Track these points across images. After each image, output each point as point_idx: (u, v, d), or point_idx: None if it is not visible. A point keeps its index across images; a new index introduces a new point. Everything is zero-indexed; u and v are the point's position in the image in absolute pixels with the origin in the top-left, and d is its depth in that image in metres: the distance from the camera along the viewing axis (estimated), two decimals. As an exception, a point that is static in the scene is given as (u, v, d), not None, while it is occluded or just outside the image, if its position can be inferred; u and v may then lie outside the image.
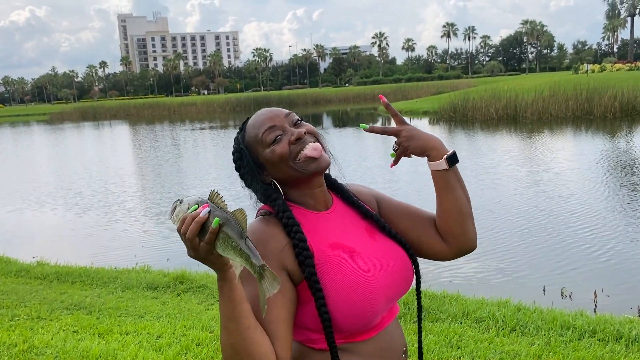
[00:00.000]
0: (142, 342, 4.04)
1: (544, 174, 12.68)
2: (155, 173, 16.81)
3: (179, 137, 30.90)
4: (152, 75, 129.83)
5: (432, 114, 31.41)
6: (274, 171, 1.31)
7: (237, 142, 1.34)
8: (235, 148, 1.34)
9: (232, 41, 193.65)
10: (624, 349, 3.72)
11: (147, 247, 8.66)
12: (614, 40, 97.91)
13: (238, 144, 1.33)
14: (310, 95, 74.14)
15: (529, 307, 4.66)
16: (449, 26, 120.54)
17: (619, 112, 24.83)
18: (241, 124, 1.37)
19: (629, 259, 6.73)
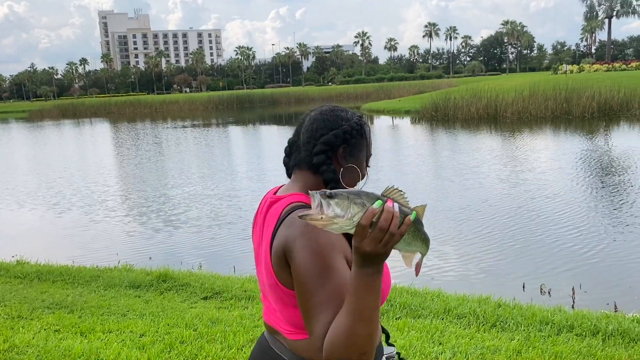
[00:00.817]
0: (125, 340, 4.02)
1: (524, 173, 12.86)
2: (137, 172, 16.67)
3: (161, 135, 30.66)
4: (133, 73, 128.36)
5: (414, 114, 31.60)
6: (352, 163, 1.36)
7: (361, 120, 1.40)
8: (360, 122, 1.38)
9: (215, 39, 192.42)
10: (600, 344, 3.81)
11: (129, 246, 8.60)
12: (592, 42, 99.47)
13: (362, 123, 1.39)
14: (294, 94, 74.06)
15: (509, 303, 4.74)
16: (431, 26, 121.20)
17: (596, 112, 25.27)
18: (353, 116, 1.41)
19: (606, 256, 6.88)
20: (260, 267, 1.37)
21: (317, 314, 1.17)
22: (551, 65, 76.19)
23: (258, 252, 1.38)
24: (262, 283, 1.37)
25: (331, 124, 1.35)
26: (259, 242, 1.38)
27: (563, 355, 3.58)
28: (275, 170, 15.46)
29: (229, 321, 4.36)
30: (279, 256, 1.23)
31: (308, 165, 1.35)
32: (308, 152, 1.34)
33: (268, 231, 1.30)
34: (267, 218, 1.34)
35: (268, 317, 1.40)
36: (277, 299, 1.29)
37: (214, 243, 8.49)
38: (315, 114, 1.39)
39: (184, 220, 9.90)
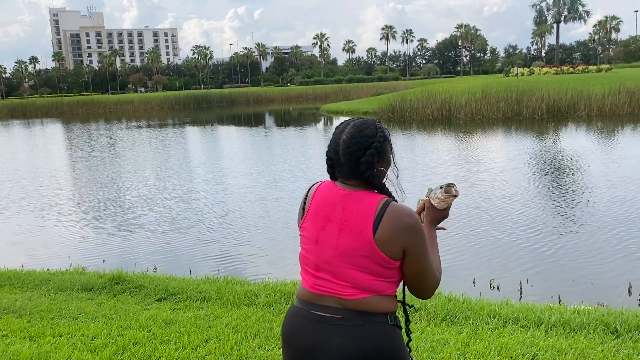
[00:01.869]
0: (76, 343, 3.96)
1: (480, 173, 13.23)
2: (90, 174, 16.28)
3: (116, 136, 29.99)
4: (86, 72, 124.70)
5: (372, 115, 31.94)
6: (385, 167, 1.78)
7: (383, 129, 1.76)
8: (383, 133, 1.75)
9: (171, 38, 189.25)
10: (543, 334, 4.00)
11: (82, 250, 8.41)
12: (542, 46, 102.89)
13: (384, 131, 1.76)
14: (252, 94, 73.64)
15: (459, 298, 4.90)
16: (388, 29, 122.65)
17: (545, 113, 26.19)
18: (377, 121, 1.78)
19: (552, 251, 7.17)
20: (327, 244, 1.71)
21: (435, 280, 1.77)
22: (503, 68, 78.44)
23: (332, 232, 1.71)
24: (336, 257, 1.70)
25: (364, 145, 1.70)
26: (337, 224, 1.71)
27: (508, 346, 3.73)
28: (234, 172, 15.38)
29: (183, 322, 4.35)
30: (392, 237, 1.65)
31: (354, 177, 1.71)
32: (352, 169, 1.70)
33: (362, 216, 1.68)
34: (348, 207, 1.70)
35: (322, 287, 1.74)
36: (355, 266, 1.68)
37: (170, 245, 8.40)
38: (347, 137, 1.70)
39: (139, 223, 9.75)
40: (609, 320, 4.13)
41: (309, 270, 1.78)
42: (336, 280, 1.71)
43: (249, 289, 5.22)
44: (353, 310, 1.70)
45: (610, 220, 8.37)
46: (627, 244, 7.23)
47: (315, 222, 1.75)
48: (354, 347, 1.67)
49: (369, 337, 1.68)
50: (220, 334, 4.07)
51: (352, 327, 1.69)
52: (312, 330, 1.74)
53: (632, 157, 14.78)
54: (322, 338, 1.71)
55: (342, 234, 1.70)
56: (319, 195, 1.77)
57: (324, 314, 1.72)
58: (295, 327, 1.79)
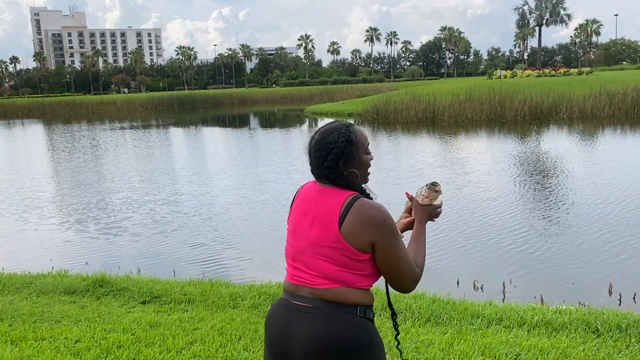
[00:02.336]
0: (59, 347, 3.92)
1: (461, 174, 13.33)
2: (73, 176, 16.10)
3: (99, 137, 29.68)
4: (68, 73, 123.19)
5: (357, 116, 32.05)
6: (357, 168, 1.86)
7: (348, 135, 1.83)
8: (346, 138, 1.83)
9: (155, 38, 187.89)
10: (526, 334, 4.05)
11: (64, 252, 8.32)
12: (524, 48, 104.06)
13: (349, 136, 1.84)
14: (237, 95, 73.39)
15: (444, 298, 4.94)
16: (372, 31, 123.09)
17: (528, 115, 26.50)
18: (345, 126, 1.87)
19: (535, 252, 7.26)
20: (301, 236, 1.84)
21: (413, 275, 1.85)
22: (486, 70, 79.07)
23: (305, 224, 1.83)
24: (307, 248, 1.82)
25: (325, 150, 1.82)
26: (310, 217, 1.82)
27: (491, 346, 3.78)
28: (219, 174, 15.32)
29: (168, 324, 4.32)
30: (358, 230, 1.75)
31: (324, 178, 1.84)
32: (322, 173, 1.83)
33: (330, 209, 1.79)
34: (320, 201, 1.82)
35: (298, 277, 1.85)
36: (322, 257, 1.79)
37: (154, 248, 8.34)
38: (314, 143, 1.85)
39: (122, 226, 9.66)
40: (590, 319, 4.20)
41: (289, 262, 1.90)
42: (308, 270, 1.83)
43: (234, 291, 5.21)
44: (322, 299, 1.79)
45: (592, 222, 8.49)
46: (608, 245, 7.35)
47: (295, 216, 1.89)
48: (319, 335, 1.76)
49: (334, 327, 1.76)
50: (205, 337, 4.05)
51: (319, 316, 1.78)
52: (286, 317, 1.85)
53: (613, 159, 15.01)
54: (292, 325, 1.82)
55: (313, 226, 1.82)
56: (302, 192, 1.92)
57: (298, 303, 1.83)
58: (273, 315, 1.90)
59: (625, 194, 10.21)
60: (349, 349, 1.75)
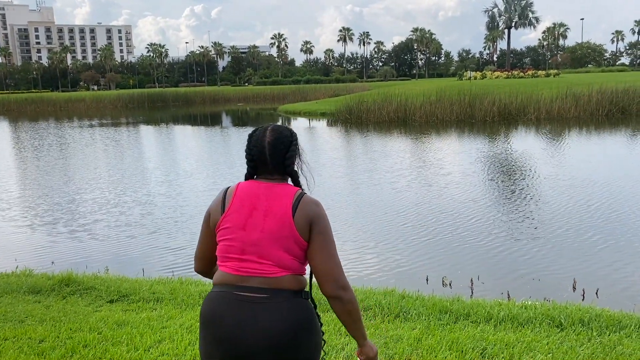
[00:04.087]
0: (22, 347, 3.83)
1: (434, 175, 13.49)
2: (39, 174, 15.73)
3: (67, 135, 29.07)
4: (35, 69, 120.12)
5: (330, 116, 32.13)
6: (299, 165, 2.06)
7: (295, 139, 2.05)
8: (295, 142, 2.04)
9: (125, 35, 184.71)
10: (492, 329, 4.12)
11: (30, 251, 8.13)
12: (494, 50, 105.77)
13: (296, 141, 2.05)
14: (209, 93, 72.68)
15: (413, 295, 5.00)
16: (345, 31, 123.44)
17: (497, 116, 26.97)
18: (289, 128, 2.07)
19: (503, 250, 7.40)
20: (255, 228, 1.92)
21: (342, 271, 1.93)
22: (457, 71, 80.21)
23: (258, 218, 1.92)
24: (262, 239, 1.91)
25: (285, 146, 1.99)
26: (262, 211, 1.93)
27: (459, 340, 3.84)
28: (190, 173, 15.16)
29: (135, 323, 4.27)
30: (305, 220, 1.91)
31: (278, 172, 1.99)
32: (276, 166, 1.98)
33: (282, 203, 1.92)
34: (271, 197, 1.94)
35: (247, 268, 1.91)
36: (280, 248, 1.90)
37: (123, 247, 8.21)
38: (271, 139, 1.98)
39: (90, 225, 9.49)
40: (554, 314, 4.30)
41: (232, 257, 1.94)
42: (261, 260, 1.91)
43: (204, 289, 5.17)
44: (275, 288, 1.89)
45: (557, 220, 8.70)
46: (572, 243, 7.54)
47: (241, 212, 1.95)
48: (280, 322, 1.85)
49: (291, 312, 1.88)
50: (174, 335, 4.02)
51: (276, 304, 1.87)
52: (237, 310, 1.87)
53: (579, 159, 15.39)
54: (247, 317, 1.86)
55: (267, 219, 1.92)
56: (241, 192, 1.98)
57: (248, 294, 1.88)
58: (218, 309, 1.90)
59: (590, 193, 10.49)
60: (306, 329, 1.90)
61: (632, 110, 26.89)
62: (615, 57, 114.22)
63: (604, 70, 75.19)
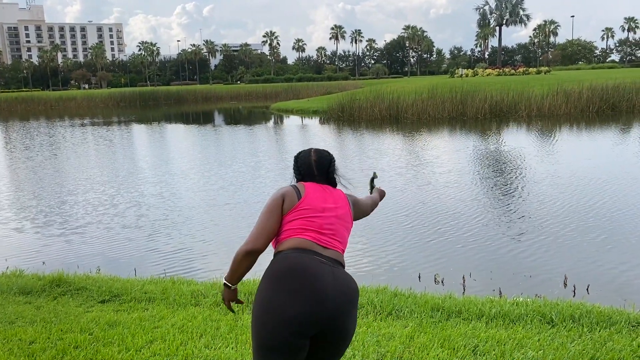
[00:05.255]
0: (12, 348, 3.80)
1: (424, 171, 13.51)
2: (30, 174, 15.62)
3: (58, 134, 28.87)
4: (25, 67, 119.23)
5: (322, 113, 32.11)
6: None
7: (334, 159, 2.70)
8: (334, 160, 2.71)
9: (116, 33, 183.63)
10: (484, 326, 4.14)
11: (20, 252, 8.06)
12: (485, 48, 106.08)
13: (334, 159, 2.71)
14: (201, 91, 72.44)
15: (405, 292, 5.00)
16: (337, 29, 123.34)
17: (488, 113, 27.06)
18: (329, 152, 2.71)
19: (495, 247, 7.42)
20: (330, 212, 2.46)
21: None
22: (449, 69, 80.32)
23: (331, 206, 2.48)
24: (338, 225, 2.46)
25: (328, 162, 2.62)
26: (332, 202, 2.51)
27: (451, 338, 3.85)
28: (182, 173, 15.11)
29: (127, 323, 4.25)
30: (351, 205, 2.61)
31: (324, 181, 2.59)
32: (324, 177, 2.60)
33: (343, 198, 2.58)
34: (334, 193, 2.56)
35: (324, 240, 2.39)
36: (345, 227, 2.50)
37: (115, 247, 8.17)
38: (317, 158, 2.60)
39: (82, 225, 9.43)
40: (545, 311, 4.33)
41: (312, 229, 2.37)
42: (337, 238, 2.43)
43: (196, 289, 5.16)
44: (340, 261, 2.41)
45: (549, 217, 8.74)
46: (563, 239, 7.58)
47: (318, 199, 2.46)
48: (351, 281, 2.36)
49: (354, 281, 2.40)
50: (166, 335, 4.00)
51: (346, 273, 2.39)
52: (318, 266, 2.27)
53: (570, 156, 15.47)
54: (327, 272, 2.27)
55: (337, 208, 2.49)
56: (312, 188, 2.50)
57: (324, 260, 2.32)
58: (302, 263, 2.25)
59: (581, 190, 10.55)
60: (358, 292, 2.39)
61: (622, 106, 27.06)
62: (605, 54, 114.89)
63: (594, 67, 75.65)
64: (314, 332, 2.18)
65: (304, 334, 2.15)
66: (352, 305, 2.28)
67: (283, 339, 2.14)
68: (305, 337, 2.17)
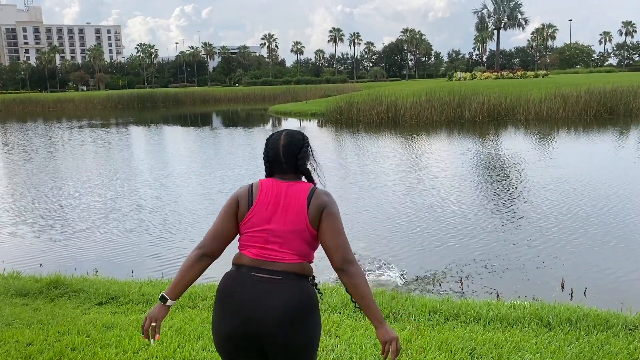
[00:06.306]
0: (9, 350, 3.80)
1: (423, 175, 13.53)
2: (28, 175, 15.59)
3: (55, 135, 28.83)
4: (23, 69, 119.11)
5: (320, 116, 32.11)
6: (309, 162, 2.32)
7: (306, 142, 2.31)
8: (307, 145, 2.31)
9: (115, 35, 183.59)
10: (481, 329, 4.14)
11: (17, 253, 8.05)
12: (484, 51, 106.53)
13: (308, 138, 2.34)
14: (199, 94, 72.44)
15: (403, 295, 5.01)
16: (336, 31, 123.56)
17: (486, 116, 27.10)
18: (301, 132, 2.32)
19: (492, 250, 7.43)
20: (279, 222, 2.16)
21: (349, 248, 2.16)
22: (447, 72, 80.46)
23: (281, 213, 2.17)
24: (285, 231, 2.16)
25: (297, 147, 2.25)
26: (283, 207, 2.18)
27: (448, 341, 3.85)
28: (179, 174, 15.10)
29: (124, 325, 4.24)
30: (317, 210, 2.15)
31: (292, 171, 2.25)
32: (291, 166, 2.24)
33: (299, 200, 2.17)
34: (290, 194, 2.18)
35: (267, 255, 2.15)
36: (299, 238, 2.16)
37: (112, 249, 8.16)
38: (285, 142, 2.24)
39: (79, 227, 9.42)
40: (542, 314, 4.33)
41: (255, 245, 2.18)
42: (282, 249, 2.16)
43: (193, 291, 5.15)
44: (288, 272, 2.14)
45: (546, 220, 8.76)
46: (560, 242, 7.59)
47: (268, 208, 2.19)
48: (291, 300, 2.11)
49: (298, 293, 2.13)
50: (163, 337, 3.99)
51: (286, 285, 2.13)
52: (251, 288, 2.13)
53: (568, 159, 15.50)
54: (259, 294, 2.11)
55: (288, 214, 2.17)
56: (265, 189, 2.22)
57: (263, 275, 2.14)
58: (234, 286, 2.16)
59: (579, 193, 10.57)
60: (309, 311, 2.14)
61: (619, 110, 27.13)
62: (603, 58, 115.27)
63: (592, 71, 75.87)
64: (254, 347, 2.13)
65: (244, 349, 2.14)
66: (291, 321, 2.07)
67: (227, 353, 2.18)
68: (247, 352, 2.15)
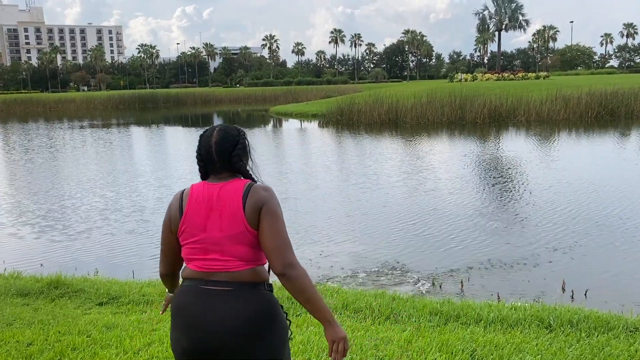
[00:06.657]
0: (10, 350, 3.80)
1: (424, 176, 13.52)
2: (29, 175, 15.61)
3: (57, 135, 28.86)
4: (25, 69, 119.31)
5: (321, 117, 32.11)
6: (248, 160, 2.15)
7: (244, 132, 2.14)
8: (244, 135, 2.13)
9: (116, 36, 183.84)
10: (482, 330, 4.14)
11: (18, 253, 8.06)
12: (485, 52, 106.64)
13: (245, 134, 2.14)
14: (200, 94, 72.48)
15: (403, 297, 5.01)
16: (337, 32, 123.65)
17: (487, 118, 27.09)
18: (237, 127, 2.14)
19: (493, 251, 7.43)
20: (214, 229, 2.00)
21: (290, 250, 1.96)
22: (448, 73, 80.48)
23: (215, 219, 2.00)
24: (222, 238, 1.99)
25: (232, 144, 2.06)
26: (218, 212, 2.00)
27: (449, 342, 3.85)
28: (180, 175, 15.12)
29: (125, 326, 4.24)
30: (254, 207, 1.97)
31: (226, 169, 2.07)
32: (224, 163, 2.05)
33: (234, 200, 1.99)
34: (224, 196, 2.01)
35: (211, 266, 2.01)
36: (240, 243, 1.98)
37: (113, 249, 8.16)
38: (217, 139, 2.06)
39: (80, 228, 9.42)
40: (543, 315, 4.33)
41: (196, 257, 2.04)
42: (224, 257, 2.00)
43: (194, 292, 5.15)
44: (238, 281, 1.99)
45: (547, 222, 8.75)
46: (561, 244, 7.58)
47: (200, 215, 2.03)
48: (241, 311, 1.96)
49: (251, 302, 1.98)
50: (164, 338, 3.99)
51: (238, 295, 1.98)
52: (202, 301, 1.99)
53: (569, 161, 15.49)
54: (210, 307, 1.97)
55: (223, 217, 2.00)
56: (195, 196, 2.06)
57: (212, 287, 2.00)
58: (185, 301, 2.03)
59: (580, 195, 10.56)
60: (267, 319, 1.98)
61: (620, 112, 27.10)
62: (604, 60, 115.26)
63: (593, 73, 75.84)
64: None
65: None
66: (247, 334, 1.93)
67: None
68: None
